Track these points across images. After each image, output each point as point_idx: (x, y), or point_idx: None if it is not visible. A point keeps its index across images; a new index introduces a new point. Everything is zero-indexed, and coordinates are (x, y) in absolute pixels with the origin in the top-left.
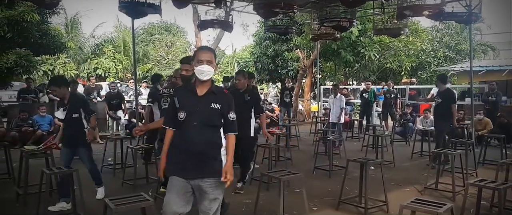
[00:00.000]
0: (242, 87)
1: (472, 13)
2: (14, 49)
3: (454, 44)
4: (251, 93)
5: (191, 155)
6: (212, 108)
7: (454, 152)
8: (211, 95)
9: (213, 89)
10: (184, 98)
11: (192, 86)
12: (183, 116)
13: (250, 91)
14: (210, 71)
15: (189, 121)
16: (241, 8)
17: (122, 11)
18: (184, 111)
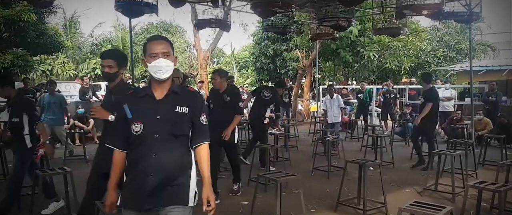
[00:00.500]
0: (220, 87)
1: (472, 13)
2: (11, 49)
3: (454, 44)
4: (231, 93)
5: (152, 178)
6: (178, 113)
7: (454, 152)
8: (174, 97)
9: (175, 88)
10: (137, 106)
11: (146, 89)
12: (139, 129)
13: (229, 91)
14: (169, 67)
15: (148, 133)
16: (239, 7)
17: (118, 11)
18: (139, 121)
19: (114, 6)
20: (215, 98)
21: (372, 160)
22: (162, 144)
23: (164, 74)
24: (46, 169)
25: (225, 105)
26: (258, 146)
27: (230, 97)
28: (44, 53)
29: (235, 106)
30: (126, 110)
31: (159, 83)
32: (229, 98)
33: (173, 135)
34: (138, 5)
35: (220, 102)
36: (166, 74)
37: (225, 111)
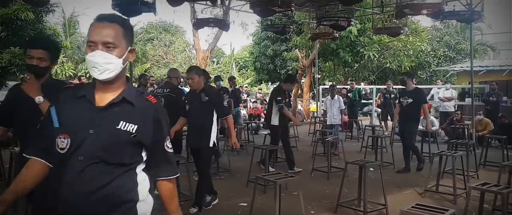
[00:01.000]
0: (197, 86)
1: (473, 12)
2: (9, 48)
3: (454, 44)
4: (209, 93)
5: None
6: (120, 131)
7: (455, 153)
8: (121, 107)
9: (127, 94)
10: (69, 111)
11: (87, 88)
12: (65, 145)
13: (208, 91)
14: (110, 64)
15: (73, 154)
16: (239, 6)
17: (115, 10)
18: (67, 134)
19: (111, 5)
20: (192, 99)
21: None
22: (86, 171)
23: (101, 74)
24: None
25: (202, 107)
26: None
27: (208, 97)
28: None
29: (217, 108)
30: (53, 115)
31: (104, 84)
32: (207, 98)
33: (104, 162)
34: (136, 4)
35: (197, 103)
36: (106, 75)
37: (202, 113)
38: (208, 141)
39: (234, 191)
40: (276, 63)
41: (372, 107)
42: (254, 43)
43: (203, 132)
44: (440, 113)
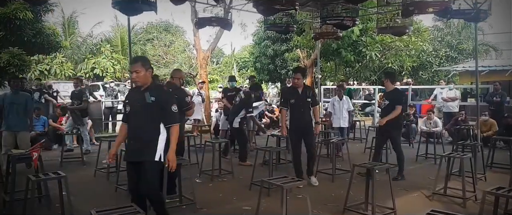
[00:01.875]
0: (142, 82)
1: (480, 10)
2: (7, 48)
3: (456, 44)
4: (156, 93)
5: None
6: None
7: (464, 155)
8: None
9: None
10: None
11: None
12: None
13: (155, 90)
14: None
15: None
16: (240, 6)
17: (116, 8)
18: None
19: (111, 3)
20: (133, 99)
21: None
22: None
23: None
24: (39, 174)
25: (146, 110)
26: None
27: (154, 97)
28: (41, 52)
29: (162, 111)
30: None
31: None
32: (153, 98)
33: None
34: (136, 2)
35: (141, 103)
36: None
37: (145, 117)
38: (152, 154)
39: (237, 194)
40: (276, 63)
41: (374, 107)
42: (254, 43)
43: (145, 141)
44: (444, 113)
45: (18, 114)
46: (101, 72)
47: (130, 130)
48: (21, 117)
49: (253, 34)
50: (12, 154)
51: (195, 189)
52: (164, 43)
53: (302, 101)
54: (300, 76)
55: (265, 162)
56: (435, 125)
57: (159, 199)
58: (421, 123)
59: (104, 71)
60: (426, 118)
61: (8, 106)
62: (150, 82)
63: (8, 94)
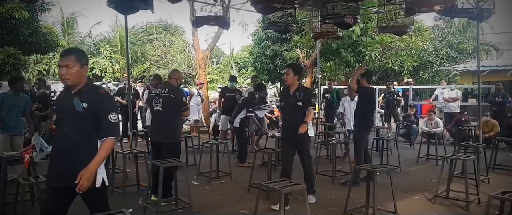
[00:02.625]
0: (74, 82)
1: (483, 9)
2: (3, 47)
3: (457, 43)
4: (90, 97)
5: None
6: None
7: (467, 157)
8: None
9: None
10: None
11: None
12: None
13: (88, 94)
14: None
15: None
16: (239, 5)
17: (111, 7)
18: None
19: (106, 2)
20: (61, 105)
21: (379, 164)
22: None
23: None
24: (30, 177)
25: (75, 120)
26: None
27: (87, 103)
28: (38, 52)
29: (99, 121)
30: None
31: None
32: (84, 105)
33: None
34: (132, 1)
35: (68, 112)
36: None
37: (74, 130)
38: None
39: (235, 197)
40: (276, 63)
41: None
42: (254, 43)
43: (75, 162)
44: (445, 113)
45: (17, 116)
46: (100, 72)
47: (56, 145)
48: (19, 120)
49: (252, 34)
50: (3, 156)
51: (192, 191)
52: (164, 43)
53: (291, 104)
54: (290, 72)
55: (264, 163)
56: (436, 125)
57: None
58: (422, 123)
59: (103, 71)
60: (427, 119)
61: (8, 108)
62: (83, 83)
63: (8, 95)
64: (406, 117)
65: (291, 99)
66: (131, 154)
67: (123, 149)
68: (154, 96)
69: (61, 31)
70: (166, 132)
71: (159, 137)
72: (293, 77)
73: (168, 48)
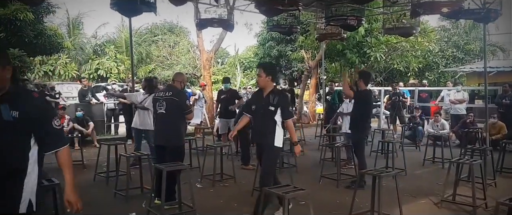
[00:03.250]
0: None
1: (490, 10)
2: (8, 49)
3: (463, 44)
4: (22, 103)
5: None
6: None
7: (474, 161)
8: None
9: None
10: None
11: None
12: None
13: (18, 99)
14: None
15: None
16: (243, 6)
17: (114, 9)
18: None
19: (109, 4)
20: None
21: (384, 167)
22: None
23: None
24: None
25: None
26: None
27: (19, 111)
28: (43, 54)
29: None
30: None
31: None
32: (15, 113)
33: None
34: (135, 3)
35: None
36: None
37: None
38: (14, 201)
39: (239, 200)
40: (281, 64)
41: (380, 109)
42: (259, 44)
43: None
44: (451, 115)
45: None
46: (105, 73)
47: None
48: None
49: (257, 35)
50: None
51: (196, 194)
52: (169, 44)
53: (263, 109)
54: (262, 73)
55: None
56: (442, 127)
57: None
58: (428, 125)
59: (108, 72)
60: (433, 120)
61: None
62: (7, 86)
63: None
64: (411, 118)
65: (263, 102)
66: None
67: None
68: (157, 99)
69: (67, 32)
70: (169, 135)
71: (163, 140)
72: (266, 78)
73: (173, 49)
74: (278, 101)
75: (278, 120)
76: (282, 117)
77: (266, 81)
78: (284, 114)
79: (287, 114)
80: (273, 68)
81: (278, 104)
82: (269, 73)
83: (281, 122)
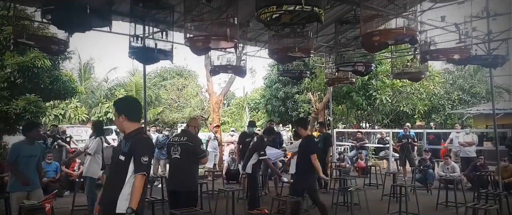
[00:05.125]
0: None
1: (497, 56)
2: (24, 95)
3: (469, 87)
4: None
5: None
6: None
7: (490, 207)
8: None
9: None
10: None
11: None
12: None
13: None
14: None
15: None
16: (253, 52)
17: (132, 58)
18: None
19: (128, 53)
20: None
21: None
22: None
23: None
24: None
25: None
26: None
27: None
28: (57, 99)
29: None
30: None
31: None
32: None
33: None
34: (152, 52)
35: None
36: None
37: None
38: None
39: None
40: (287, 106)
41: (389, 152)
42: (265, 86)
43: None
44: (461, 158)
45: (33, 168)
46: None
47: None
48: (35, 172)
49: (264, 77)
50: (23, 206)
51: None
52: (177, 87)
53: (115, 159)
54: (116, 112)
55: (279, 210)
56: (453, 170)
57: None
58: (439, 168)
59: None
60: (444, 163)
61: (24, 160)
62: None
63: (23, 144)
64: (422, 161)
65: (117, 150)
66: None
67: None
68: (172, 144)
69: (78, 76)
70: (184, 180)
71: (177, 185)
72: (118, 118)
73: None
74: (130, 147)
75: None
76: (135, 165)
77: (123, 124)
78: (136, 164)
79: (138, 166)
80: (127, 103)
81: (130, 151)
82: (122, 111)
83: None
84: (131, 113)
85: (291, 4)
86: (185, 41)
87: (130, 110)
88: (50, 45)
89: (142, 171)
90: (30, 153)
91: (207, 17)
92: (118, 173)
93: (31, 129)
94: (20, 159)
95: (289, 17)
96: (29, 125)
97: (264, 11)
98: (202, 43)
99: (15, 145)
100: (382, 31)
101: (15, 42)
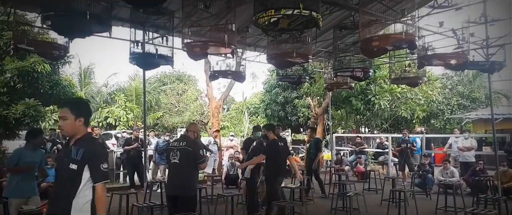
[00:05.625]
0: None
1: (494, 62)
2: (24, 100)
3: (468, 93)
4: None
5: None
6: None
7: (490, 212)
8: None
9: None
10: None
11: None
12: None
13: None
14: None
15: None
16: (252, 57)
17: (133, 63)
18: None
19: (128, 59)
20: None
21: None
22: None
23: None
24: None
25: None
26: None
27: None
28: (57, 103)
29: None
30: None
31: None
32: None
33: None
34: (153, 58)
35: None
36: None
37: None
38: None
39: None
40: (287, 110)
41: (388, 157)
42: (265, 91)
43: None
44: (460, 163)
45: (33, 175)
46: (114, 121)
47: None
48: (34, 179)
49: (264, 82)
50: (22, 211)
51: None
52: (177, 92)
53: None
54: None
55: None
56: (452, 175)
57: None
58: (438, 172)
59: (117, 120)
60: (442, 168)
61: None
62: None
63: (25, 150)
64: (421, 166)
65: (64, 157)
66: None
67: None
68: (171, 149)
69: (78, 81)
70: (183, 185)
71: (176, 190)
72: (74, 121)
73: (181, 96)
74: (83, 155)
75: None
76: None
77: (75, 127)
78: (93, 173)
79: (96, 175)
80: (82, 105)
81: (83, 159)
82: (79, 114)
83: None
84: (88, 117)
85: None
86: (182, 46)
87: (89, 114)
88: (50, 51)
89: (103, 180)
90: (31, 159)
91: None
92: (69, 182)
93: (36, 136)
94: (21, 164)
95: (287, 22)
96: (35, 132)
97: (262, 15)
98: (200, 49)
99: (17, 151)
100: (381, 37)
101: (15, 47)
